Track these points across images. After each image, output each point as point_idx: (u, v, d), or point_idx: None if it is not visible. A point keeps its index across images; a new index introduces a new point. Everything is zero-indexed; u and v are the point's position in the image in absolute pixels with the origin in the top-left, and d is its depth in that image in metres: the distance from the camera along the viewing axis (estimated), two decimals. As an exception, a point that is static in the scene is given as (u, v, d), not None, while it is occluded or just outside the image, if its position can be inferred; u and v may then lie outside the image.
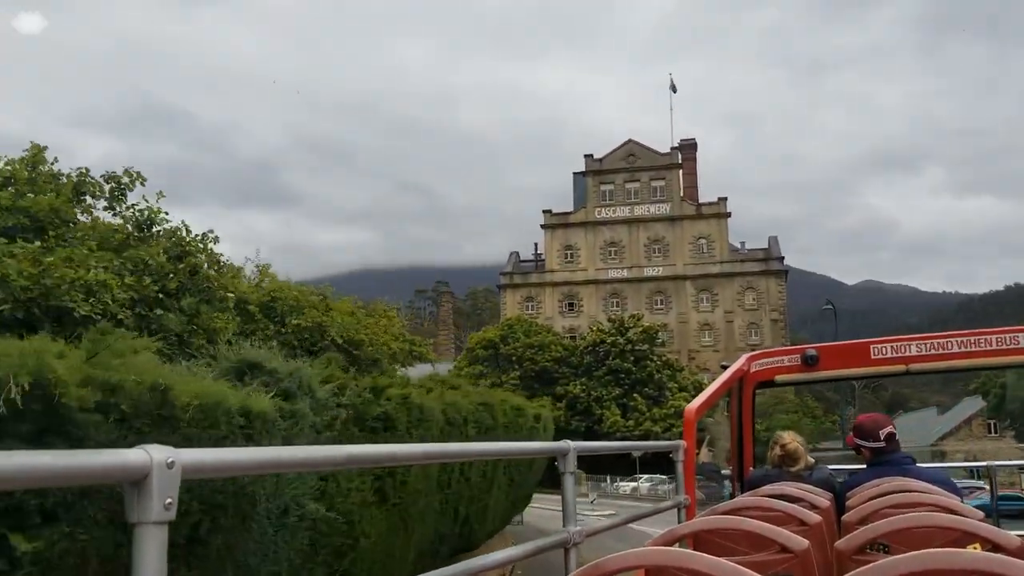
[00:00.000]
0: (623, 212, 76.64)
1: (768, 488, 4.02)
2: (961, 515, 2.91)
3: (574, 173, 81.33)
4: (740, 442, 6.22)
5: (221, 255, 11.78)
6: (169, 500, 1.33)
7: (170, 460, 1.34)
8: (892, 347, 6.06)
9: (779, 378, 6.27)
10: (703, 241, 74.85)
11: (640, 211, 76.31)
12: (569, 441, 3.26)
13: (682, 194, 76.45)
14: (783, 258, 73.71)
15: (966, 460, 49.79)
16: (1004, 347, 5.84)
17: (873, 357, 6.10)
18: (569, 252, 77.17)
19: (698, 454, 5.52)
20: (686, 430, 5.06)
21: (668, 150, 77.55)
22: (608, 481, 54.58)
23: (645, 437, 53.08)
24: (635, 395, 59.05)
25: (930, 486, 3.85)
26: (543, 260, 78.49)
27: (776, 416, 61.31)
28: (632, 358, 61.50)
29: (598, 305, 72.97)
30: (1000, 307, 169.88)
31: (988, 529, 2.66)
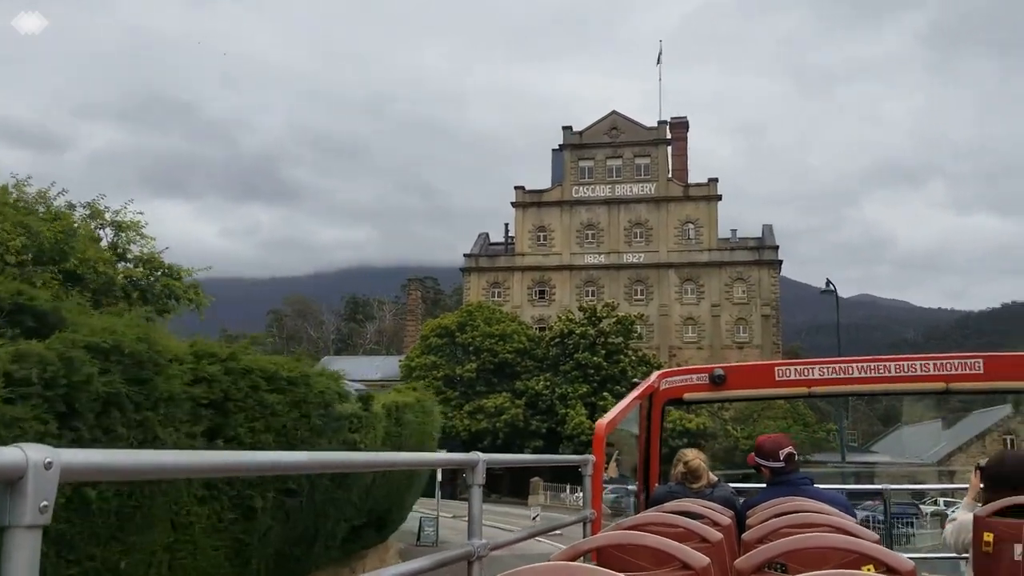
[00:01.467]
0: (603, 191, 69.95)
1: (672, 504, 4.15)
2: (856, 537, 3.07)
3: (553, 149, 74.55)
4: (647, 458, 6.25)
5: None
6: (45, 503, 1.26)
7: (48, 460, 1.27)
8: (796, 370, 6.16)
9: (687, 396, 6.34)
10: (690, 226, 68.24)
11: (622, 191, 69.64)
12: (479, 453, 3.31)
13: (670, 174, 69.68)
14: (777, 247, 67.13)
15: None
16: (901, 374, 6.02)
17: (777, 379, 6.18)
18: (542, 234, 70.45)
19: (606, 468, 5.27)
20: (595, 444, 5.05)
21: (655, 124, 70.72)
22: (568, 491, 47.92)
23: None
24: (605, 394, 52.38)
25: (826, 507, 4.00)
26: (513, 244, 71.67)
27: (763, 422, 54.98)
28: (604, 352, 54.93)
29: (571, 293, 66.32)
30: (997, 324, 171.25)
31: (882, 551, 2.87)
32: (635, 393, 5.98)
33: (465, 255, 71.37)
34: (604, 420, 5.35)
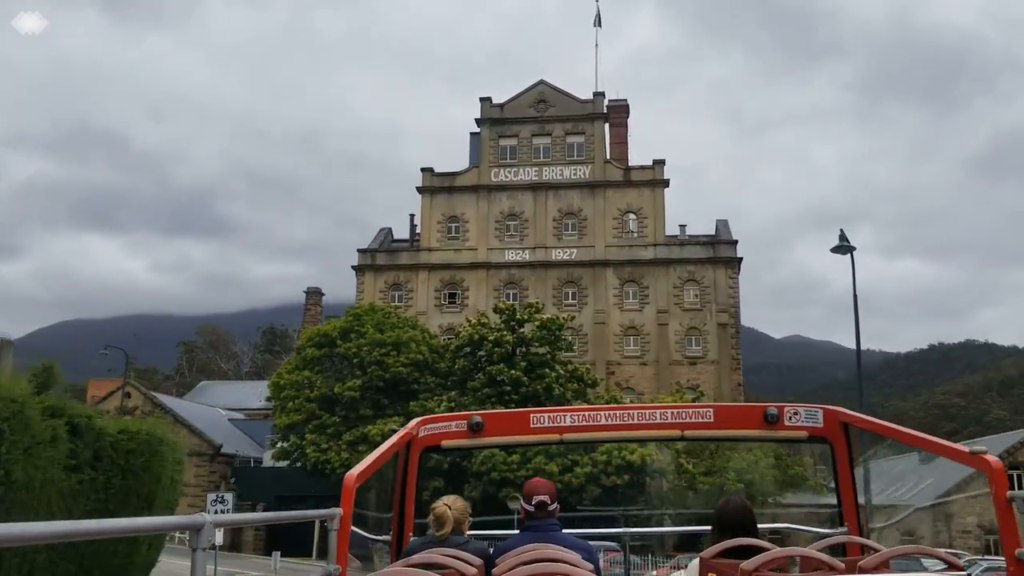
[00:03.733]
0: (528, 175, 59.16)
1: (418, 556, 4.36)
2: None
3: (471, 133, 63.52)
4: (402, 508, 6.12)
5: None
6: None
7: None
8: (549, 417, 6.41)
9: (445, 443, 6.35)
10: (632, 217, 57.85)
11: (551, 174, 58.95)
12: (204, 514, 2.96)
13: (607, 155, 59.26)
14: (736, 242, 57.09)
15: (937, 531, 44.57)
16: (643, 422, 6.33)
17: (532, 426, 6.35)
18: (454, 225, 59.14)
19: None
20: (343, 497, 4.68)
21: (591, 96, 60.36)
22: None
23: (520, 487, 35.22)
24: (525, 418, 40.85)
25: (567, 552, 4.38)
26: (419, 238, 60.11)
27: (722, 454, 44.36)
28: (525, 364, 43.66)
29: (488, 296, 55.06)
30: (924, 365, 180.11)
31: None
32: (393, 440, 5.67)
33: (359, 250, 59.44)
34: (355, 471, 4.81)
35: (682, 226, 60.36)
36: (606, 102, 60.29)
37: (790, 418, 6.19)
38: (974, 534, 45.13)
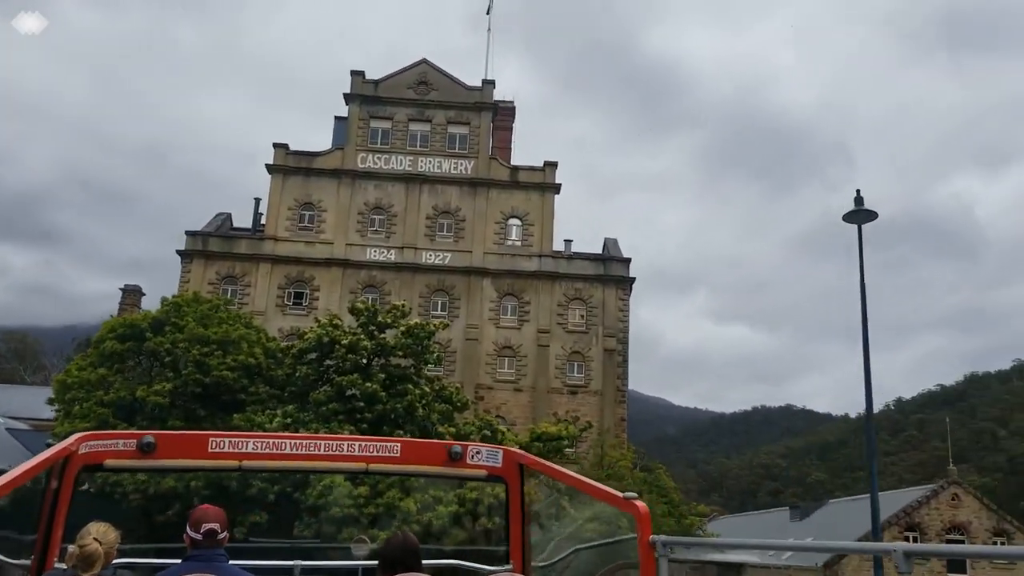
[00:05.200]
0: (401, 164, 52.03)
1: None
2: None
3: (336, 117, 55.81)
4: (48, 534, 5.52)
5: None
6: None
7: None
8: (230, 441, 6.22)
9: (109, 463, 5.95)
10: (516, 222, 51.59)
11: (427, 166, 52.09)
12: None
13: (491, 152, 53.01)
14: (629, 260, 51.85)
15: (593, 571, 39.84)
16: (329, 452, 6.34)
17: (210, 450, 6.13)
18: (308, 214, 51.01)
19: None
20: None
21: (479, 83, 54.12)
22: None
23: (374, 522, 28.58)
24: (379, 442, 33.17)
25: None
26: (263, 226, 51.54)
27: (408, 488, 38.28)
28: (384, 378, 36.09)
29: (343, 299, 47.14)
30: (747, 426, 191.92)
31: None
32: (46, 454, 5.40)
33: (188, 233, 50.12)
34: None
35: (567, 241, 54.70)
36: (495, 91, 54.21)
37: (472, 456, 6.42)
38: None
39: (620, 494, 5.25)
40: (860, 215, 16.53)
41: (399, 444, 6.50)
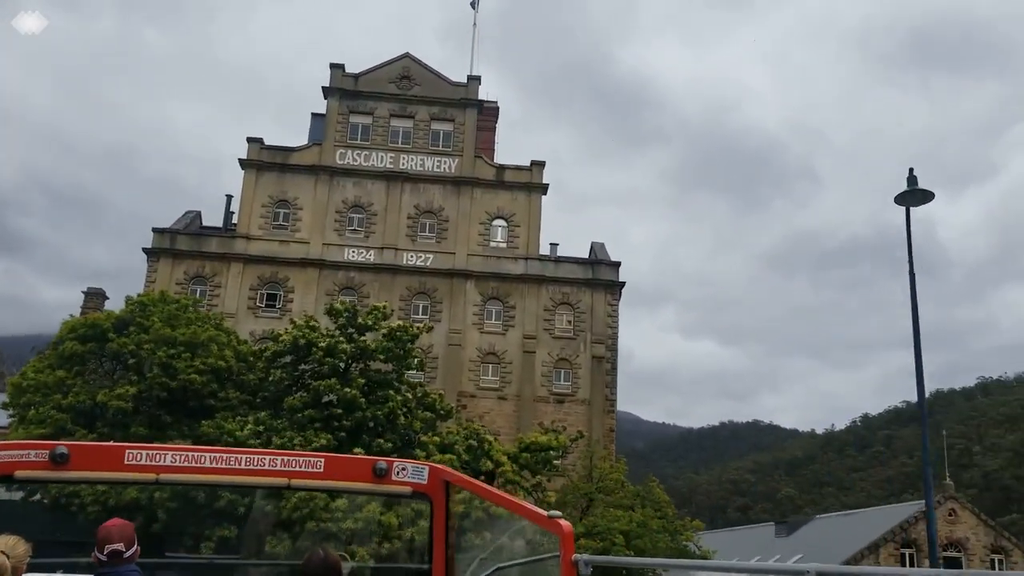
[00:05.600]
0: (382, 161, 50.09)
1: None
2: None
3: (313, 114, 53.78)
4: None
5: None
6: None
7: None
8: (147, 454, 6.08)
9: (19, 474, 5.87)
10: (501, 223, 49.79)
11: (409, 163, 50.17)
12: None
13: (476, 150, 51.19)
14: (619, 264, 50.16)
15: None
16: (251, 467, 6.20)
17: (126, 463, 6.04)
18: (283, 211, 48.86)
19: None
20: None
21: (464, 79, 52.31)
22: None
23: (352, 539, 26.81)
24: (359, 451, 31.50)
25: None
26: (235, 225, 49.25)
27: (597, 508, 36.77)
28: (363, 383, 34.11)
29: (319, 301, 45.04)
30: (715, 442, 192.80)
31: None
32: None
33: (155, 230, 47.72)
34: None
35: (553, 245, 52.88)
36: (480, 87, 52.39)
37: (398, 473, 6.38)
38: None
39: (544, 512, 5.24)
40: (915, 196, 14.94)
41: (323, 459, 6.42)
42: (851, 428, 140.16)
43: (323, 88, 51.11)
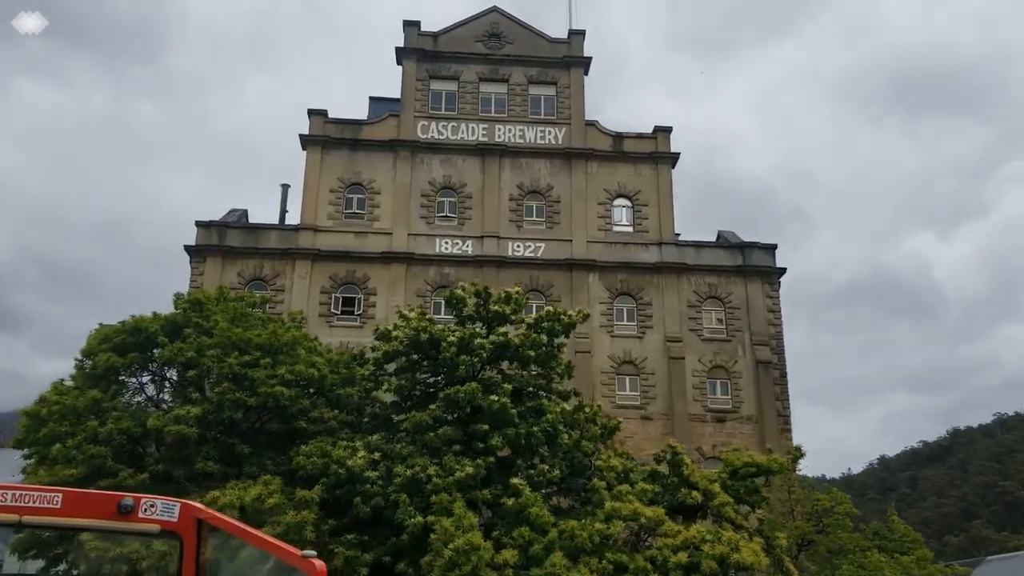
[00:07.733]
0: (474, 133, 41.81)
1: None
2: None
3: (371, 98, 45.72)
4: None
5: None
6: None
7: None
8: None
9: None
10: (625, 202, 41.13)
11: (507, 135, 41.89)
12: None
13: (586, 115, 42.87)
14: (775, 247, 41.41)
15: None
16: None
17: None
18: (356, 197, 40.45)
19: None
20: None
21: (565, 35, 44.23)
22: None
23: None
24: (517, 482, 22.56)
25: None
26: (301, 213, 40.78)
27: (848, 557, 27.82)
28: (512, 390, 25.30)
29: (407, 304, 36.06)
30: None
31: None
32: None
33: (199, 223, 39.27)
34: None
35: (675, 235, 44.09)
36: (585, 43, 44.19)
37: (145, 510, 6.12)
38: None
39: (298, 552, 5.50)
40: None
41: (60, 494, 6.15)
42: (870, 470, 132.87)
43: (397, 49, 42.98)
